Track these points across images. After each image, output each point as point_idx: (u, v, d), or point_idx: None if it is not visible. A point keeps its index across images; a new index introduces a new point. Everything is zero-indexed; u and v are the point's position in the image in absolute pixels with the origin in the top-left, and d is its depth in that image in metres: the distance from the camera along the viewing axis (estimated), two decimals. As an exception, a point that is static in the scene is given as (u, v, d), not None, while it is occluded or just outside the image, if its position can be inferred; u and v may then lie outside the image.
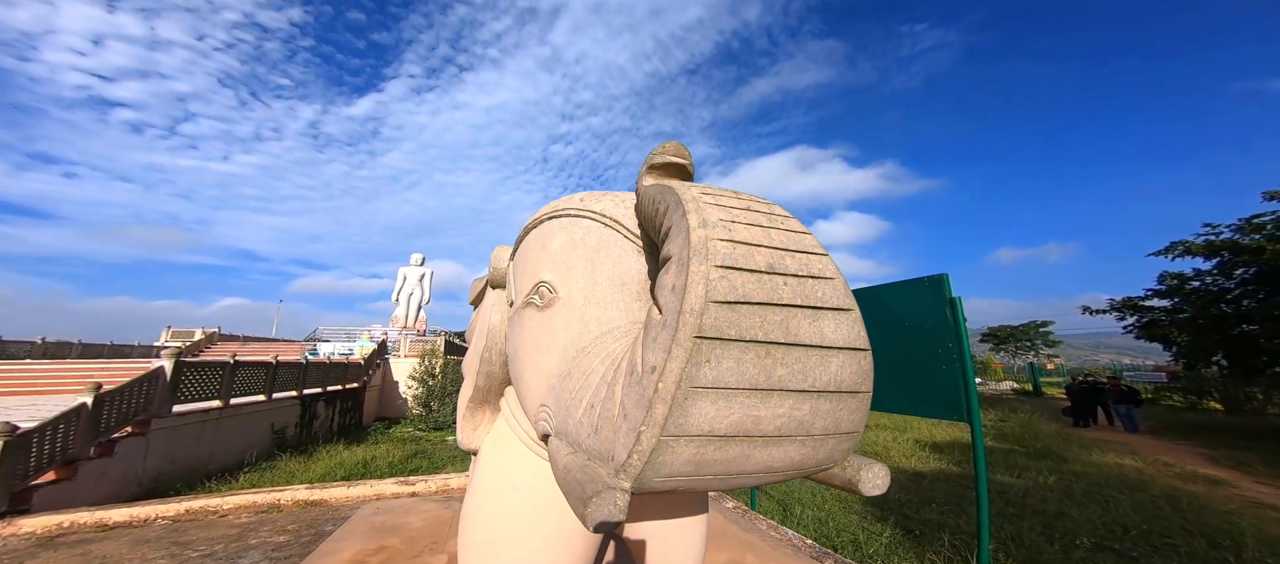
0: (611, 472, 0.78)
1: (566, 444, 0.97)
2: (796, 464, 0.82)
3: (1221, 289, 15.88)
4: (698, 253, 0.75)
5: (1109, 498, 6.64)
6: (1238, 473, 8.65)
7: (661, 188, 0.96)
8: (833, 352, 0.78)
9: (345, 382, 14.63)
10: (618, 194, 1.38)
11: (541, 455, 1.45)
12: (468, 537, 1.46)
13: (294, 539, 4.96)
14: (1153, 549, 4.95)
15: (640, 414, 0.74)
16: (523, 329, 1.32)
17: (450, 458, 10.12)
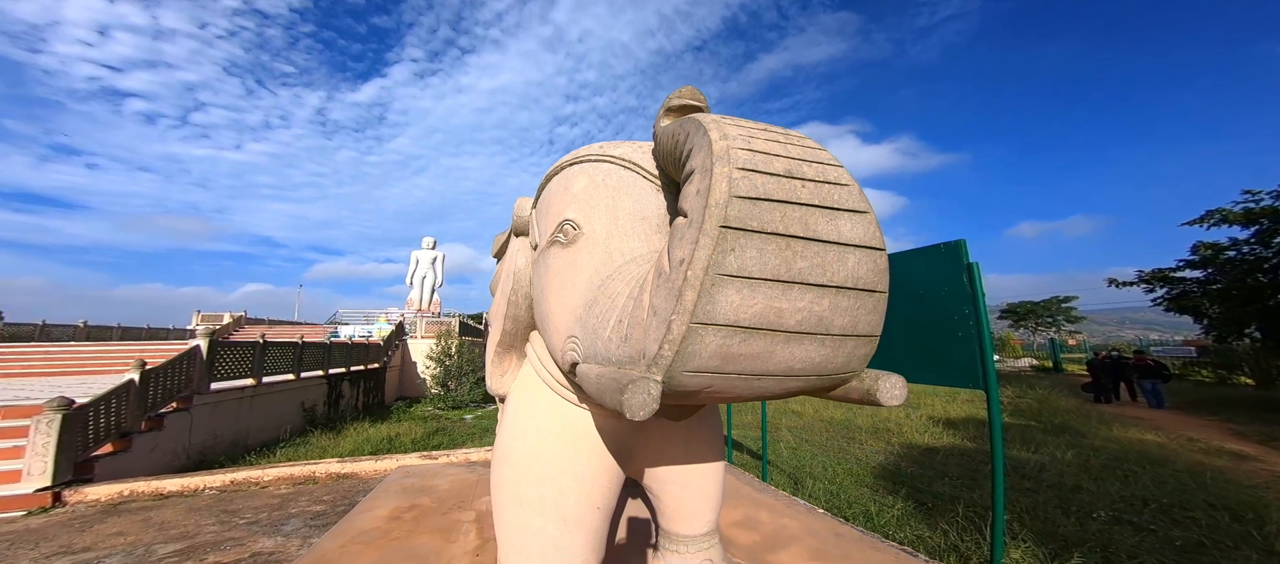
0: (643, 368, 0.83)
1: (596, 364, 1.02)
2: (817, 365, 0.85)
3: (1258, 258, 15.17)
4: (720, 159, 0.79)
5: (1129, 472, 6.58)
6: (1266, 448, 8.46)
7: (681, 120, 1.01)
8: (850, 248, 0.81)
9: (367, 362, 15.16)
10: (634, 142, 1.44)
11: (567, 397, 1.52)
12: (499, 477, 1.54)
13: (330, 509, 5.27)
14: (1172, 522, 4.92)
15: (670, 304, 0.79)
16: (548, 267, 1.38)
17: (469, 435, 10.51)
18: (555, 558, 1.37)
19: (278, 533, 4.60)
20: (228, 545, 4.25)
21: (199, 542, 4.33)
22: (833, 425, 9.89)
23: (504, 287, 1.65)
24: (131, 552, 4.08)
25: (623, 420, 1.52)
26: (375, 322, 23.15)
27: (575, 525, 1.41)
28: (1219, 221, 15.67)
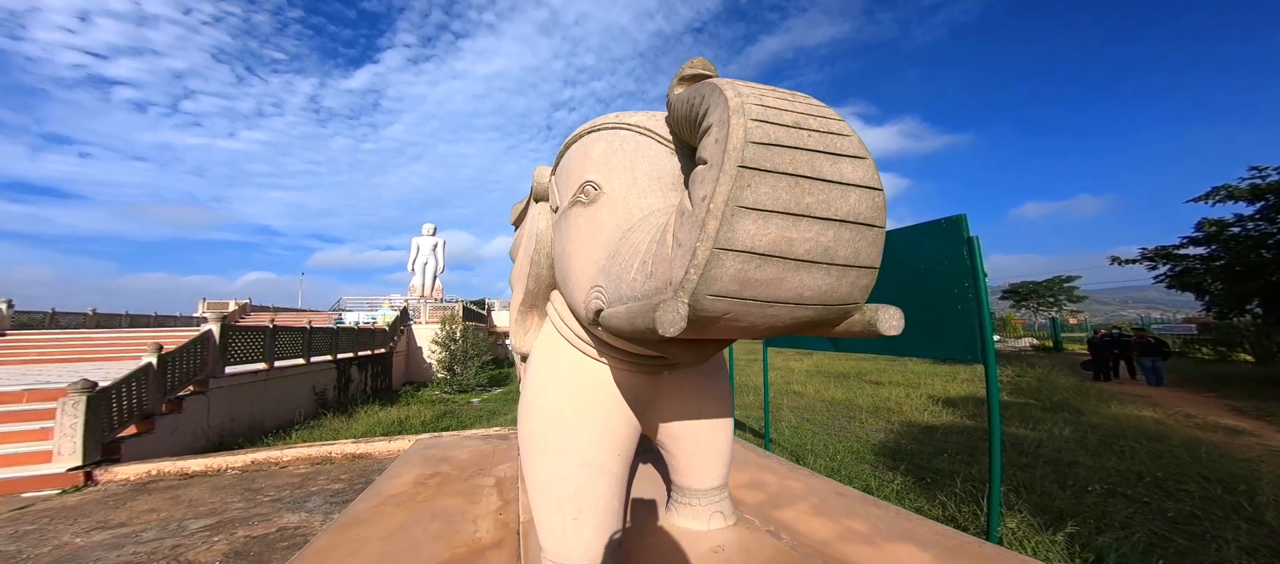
0: (671, 292, 0.94)
1: (623, 302, 1.14)
2: (824, 293, 0.94)
3: (1264, 233, 15.09)
4: (736, 112, 0.89)
5: (1125, 448, 6.71)
6: (1262, 423, 8.60)
7: (697, 85, 1.10)
8: (851, 187, 0.92)
9: (373, 347, 15.38)
10: (647, 111, 1.54)
11: (587, 352, 1.64)
12: (527, 428, 1.66)
13: (348, 487, 5.48)
14: (1165, 495, 5.06)
15: (694, 234, 0.89)
16: (570, 225, 1.49)
17: (476, 418, 10.73)
18: (581, 501, 1.50)
19: (301, 509, 4.80)
20: (255, 521, 4.45)
21: (227, 517, 4.53)
22: (834, 405, 10.07)
23: (526, 248, 1.75)
24: (165, 526, 4.28)
25: (639, 374, 1.64)
26: (379, 308, 23.38)
27: (598, 471, 1.53)
28: (1225, 198, 15.55)
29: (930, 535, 1.90)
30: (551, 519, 1.51)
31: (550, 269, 1.70)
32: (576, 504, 1.49)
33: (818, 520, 2.05)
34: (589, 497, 1.50)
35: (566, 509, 1.49)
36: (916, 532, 1.95)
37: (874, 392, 11.47)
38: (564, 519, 1.49)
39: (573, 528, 1.48)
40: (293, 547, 3.90)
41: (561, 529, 1.49)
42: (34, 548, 3.84)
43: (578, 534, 1.47)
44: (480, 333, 18.84)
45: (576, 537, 1.47)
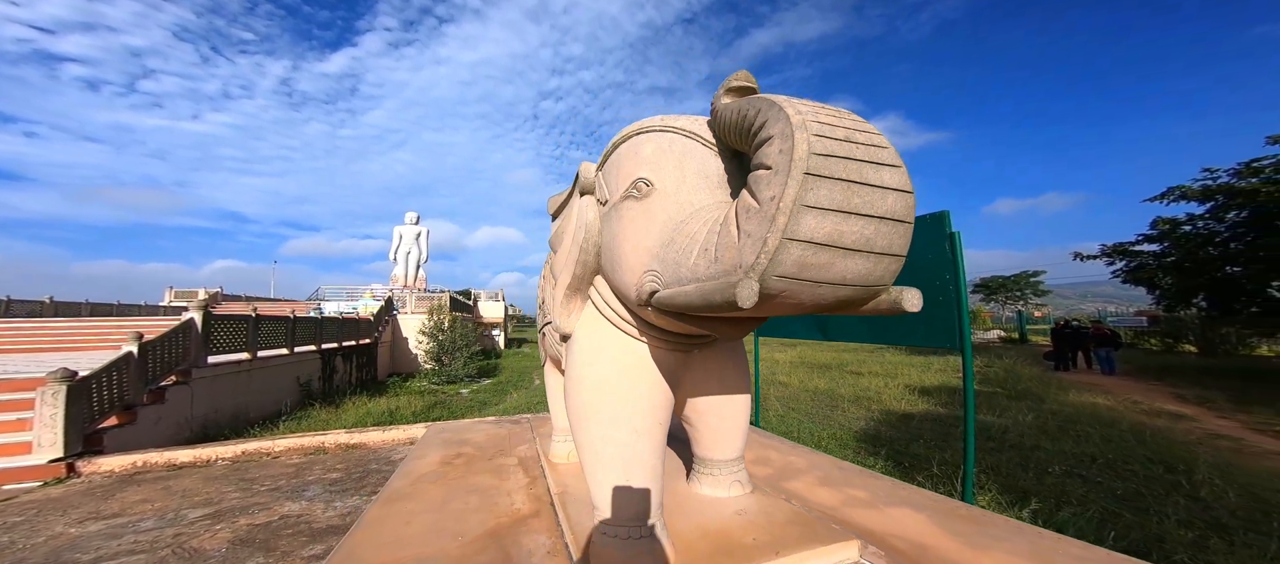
0: (741, 273, 1.13)
1: (683, 286, 1.33)
2: (863, 276, 1.14)
3: (1211, 232, 16.08)
4: (799, 128, 1.08)
5: (1081, 433, 7.27)
6: (1202, 409, 9.38)
7: (752, 98, 1.28)
8: (889, 190, 1.12)
9: (358, 337, 15.11)
10: (689, 116, 1.72)
11: (629, 332, 1.83)
12: (577, 399, 1.83)
13: (345, 476, 5.50)
14: (1115, 475, 5.53)
15: (764, 227, 1.09)
16: (621, 218, 1.67)
17: (467, 408, 10.74)
18: (631, 462, 1.68)
19: (300, 498, 4.82)
20: (255, 510, 4.45)
21: (225, 507, 4.52)
22: (817, 395, 10.48)
23: (574, 237, 1.90)
24: (163, 516, 4.24)
25: (670, 352, 1.85)
26: (360, 297, 22.86)
27: (644, 436, 1.72)
28: (1178, 198, 16.42)
29: (924, 501, 2.14)
30: (605, 479, 1.69)
31: (596, 256, 1.86)
32: (626, 466, 1.67)
33: (823, 490, 2.26)
34: (636, 459, 1.68)
35: (617, 470, 1.68)
36: (912, 498, 2.18)
37: (855, 382, 11.97)
38: (617, 480, 1.67)
39: (625, 487, 1.66)
40: (297, 534, 3.94)
41: (615, 488, 1.67)
42: (27, 539, 3.77)
43: (628, 492, 1.65)
44: (468, 323, 18.70)
45: (628, 494, 1.65)
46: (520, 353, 27.48)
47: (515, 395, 12.42)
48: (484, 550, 1.84)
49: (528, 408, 9.63)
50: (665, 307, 1.43)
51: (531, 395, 11.92)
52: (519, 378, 16.31)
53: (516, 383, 15.16)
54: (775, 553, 1.58)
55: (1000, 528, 1.83)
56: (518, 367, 20.38)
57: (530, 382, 15.29)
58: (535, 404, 10.22)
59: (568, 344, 2.00)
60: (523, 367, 20.28)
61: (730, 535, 1.74)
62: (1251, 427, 7.95)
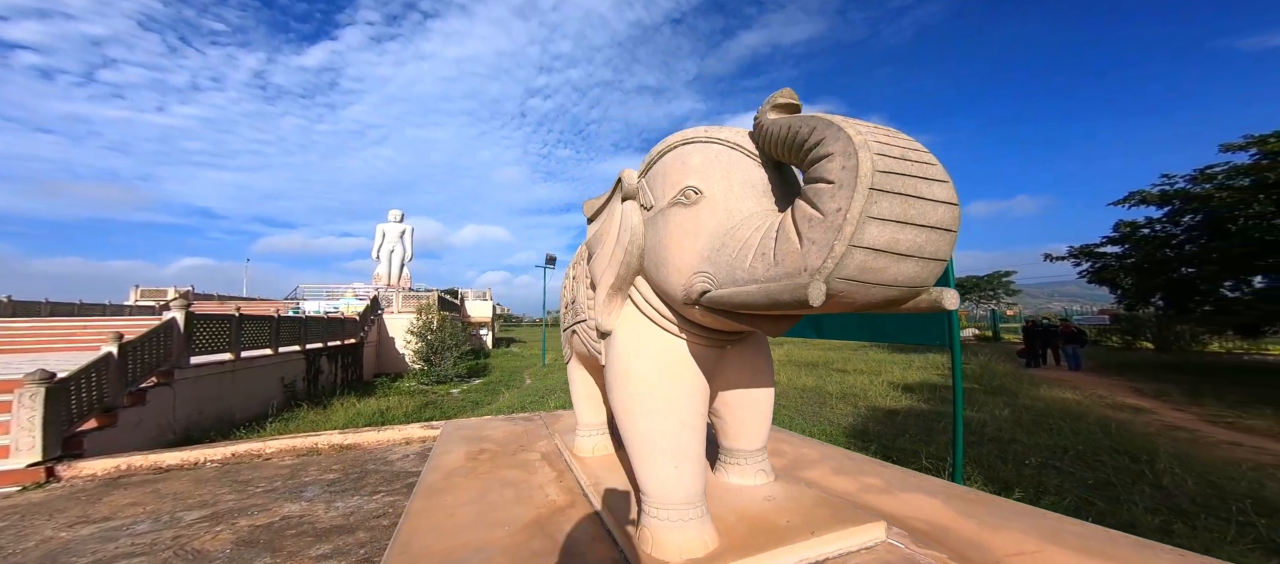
0: (807, 277, 1.25)
1: (740, 286, 1.46)
2: (911, 278, 1.27)
3: (1168, 235, 17.02)
4: (862, 147, 1.21)
5: (1053, 426, 7.70)
6: (1159, 402, 10.03)
7: (804, 116, 1.41)
8: (939, 203, 1.25)
9: (343, 337, 14.76)
10: (731, 128, 1.84)
11: (669, 330, 1.94)
12: (624, 392, 1.93)
13: (343, 476, 5.43)
14: (1085, 466, 5.90)
15: (831, 236, 1.21)
16: (669, 223, 1.78)
17: (459, 408, 10.65)
18: (680, 450, 1.79)
19: (299, 499, 4.75)
20: (254, 511, 4.37)
21: (222, 509, 4.42)
22: (805, 392, 10.77)
23: (620, 240, 1.99)
24: (158, 519, 4.13)
25: (707, 348, 1.97)
26: (341, 296, 22.28)
27: (690, 427, 1.83)
28: (1139, 202, 17.31)
29: (935, 487, 2.30)
30: (656, 468, 1.78)
31: (640, 258, 1.95)
32: (676, 454, 1.77)
33: (839, 478, 2.40)
34: (685, 447, 1.79)
35: (668, 459, 1.77)
36: (923, 485, 2.34)
37: (841, 379, 12.33)
38: (667, 467, 1.77)
39: (674, 473, 1.75)
40: (301, 534, 3.89)
41: (665, 475, 1.76)
42: (16, 543, 3.63)
43: (678, 478, 1.75)
44: (456, 323, 18.47)
45: (677, 480, 1.75)
46: (509, 352, 27.22)
47: (507, 395, 12.35)
48: (533, 538, 1.92)
49: (521, 407, 9.62)
50: (718, 305, 1.54)
51: (524, 395, 11.87)
52: (510, 378, 16.19)
53: (507, 383, 15.05)
54: (811, 532, 1.70)
55: (1007, 510, 2.00)
56: (507, 366, 20.21)
57: (521, 381, 15.20)
58: (529, 403, 10.20)
59: (608, 341, 2.09)
60: (513, 366, 20.12)
61: (765, 518, 1.86)
62: (1205, 419, 8.54)
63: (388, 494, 4.65)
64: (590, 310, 2.38)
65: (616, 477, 2.40)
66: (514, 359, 23.46)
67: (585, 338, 2.47)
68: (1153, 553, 1.60)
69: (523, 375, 17.02)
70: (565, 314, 3.07)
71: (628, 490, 2.22)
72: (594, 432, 3.01)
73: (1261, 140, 13.80)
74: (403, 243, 26.15)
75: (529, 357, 24.59)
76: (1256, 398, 9.79)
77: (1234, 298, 15.56)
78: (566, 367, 3.26)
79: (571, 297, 2.84)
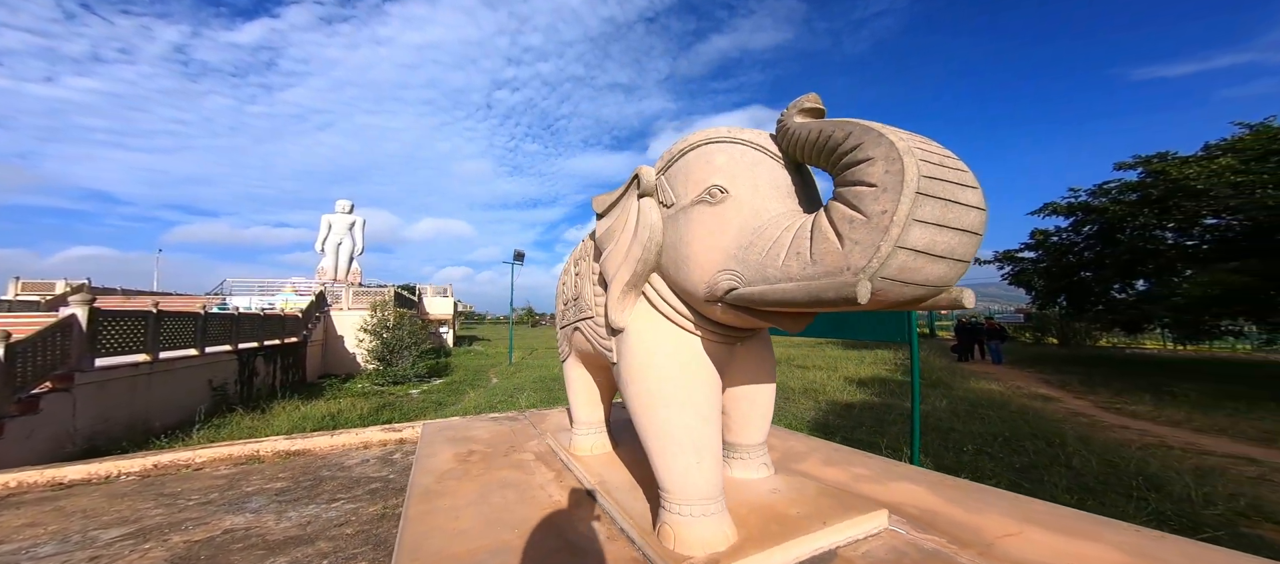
0: (852, 275, 1.29)
1: (772, 284, 1.49)
2: (940, 277, 1.34)
3: (1071, 243, 19.30)
4: (907, 153, 1.26)
5: (983, 415, 8.55)
6: (1063, 392, 11.43)
7: (837, 121, 1.45)
8: (972, 208, 1.31)
9: (283, 336, 13.49)
10: (753, 130, 1.87)
11: (684, 326, 1.95)
12: (642, 387, 1.91)
13: (293, 484, 4.99)
14: (1012, 451, 6.59)
15: (877, 237, 1.25)
16: (691, 221, 1.79)
17: (420, 410, 10.07)
18: (701, 445, 1.79)
19: (243, 510, 4.32)
20: (189, 525, 3.92)
21: (149, 525, 3.92)
22: (769, 386, 11.20)
23: (637, 236, 1.96)
24: (66, 539, 3.58)
25: (720, 345, 1.99)
26: (279, 292, 20.34)
27: (708, 420, 1.85)
28: (1051, 212, 19.33)
29: (918, 475, 2.48)
30: (677, 462, 1.78)
31: (658, 255, 1.94)
32: (697, 449, 1.78)
33: (830, 470, 2.53)
34: (705, 442, 1.80)
35: (689, 453, 1.77)
36: (908, 473, 2.52)
37: (802, 375, 12.98)
38: (688, 461, 1.76)
39: (696, 467, 1.76)
40: (250, 547, 3.53)
41: (686, 469, 1.76)
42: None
43: (700, 471, 1.76)
44: (415, 321, 17.43)
45: (699, 473, 1.76)
46: (471, 351, 26.10)
47: (473, 395, 11.85)
48: (547, 538, 1.86)
49: (489, 407, 9.27)
50: (747, 303, 1.56)
51: (491, 395, 11.44)
52: (474, 377, 15.53)
53: (472, 382, 14.44)
54: (822, 522, 1.78)
55: (985, 495, 2.20)
56: (471, 365, 19.40)
57: (486, 381, 14.64)
58: (498, 403, 9.86)
59: (622, 337, 2.06)
60: (477, 365, 19.34)
61: (775, 509, 1.92)
62: (1099, 405, 9.83)
63: (349, 502, 4.32)
64: (598, 307, 2.34)
65: (621, 474, 2.38)
66: (478, 358, 22.56)
67: (591, 335, 2.42)
68: (1114, 529, 1.84)
69: (488, 374, 16.41)
70: (564, 311, 2.98)
71: (635, 487, 2.20)
72: (592, 430, 2.96)
73: (1146, 160, 16.03)
74: (352, 235, 24.30)
75: (494, 355, 23.75)
76: (1136, 386, 11.42)
77: (1120, 299, 18.03)
78: (562, 365, 3.18)
79: (573, 293, 2.76)
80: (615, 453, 2.81)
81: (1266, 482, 5.32)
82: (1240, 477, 5.49)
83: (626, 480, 2.29)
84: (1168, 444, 6.95)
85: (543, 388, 12.08)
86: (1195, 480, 5.24)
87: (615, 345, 2.12)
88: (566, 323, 2.92)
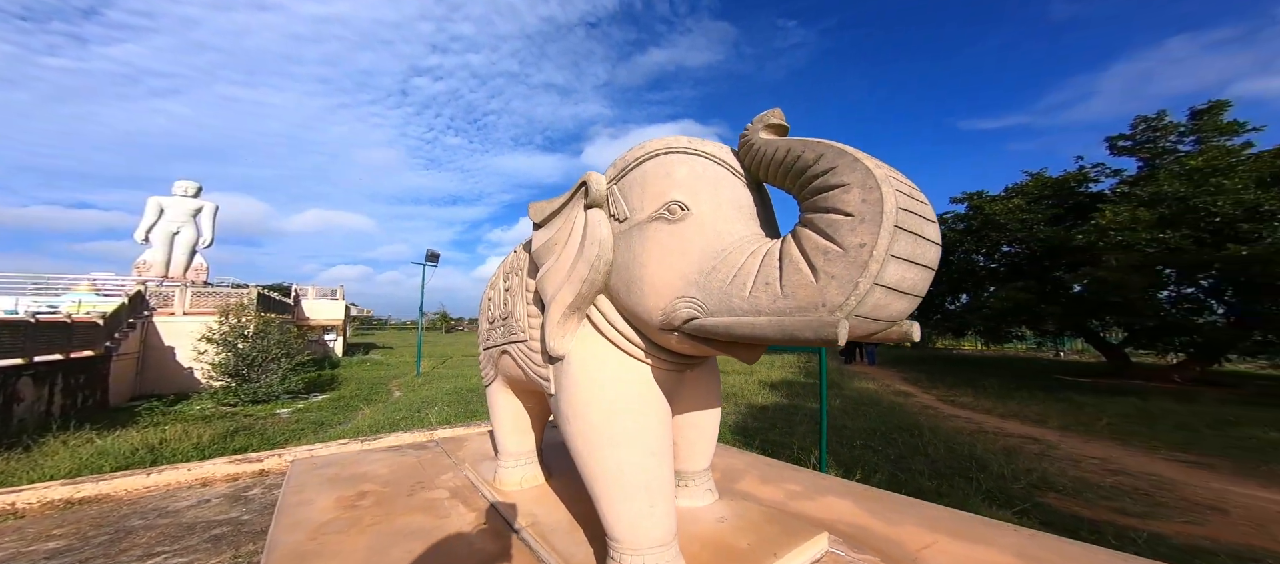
0: (828, 312, 1.22)
1: (738, 316, 1.38)
2: (898, 313, 1.32)
3: None
4: (884, 183, 1.22)
5: (864, 412, 9.83)
6: (917, 388, 13.74)
7: (809, 141, 1.39)
8: (934, 244, 1.32)
9: (70, 348, 10.19)
10: (714, 142, 1.77)
11: (633, 353, 1.78)
12: (587, 422, 1.72)
13: (78, 542, 3.73)
14: (887, 444, 7.63)
15: (856, 272, 1.19)
16: (647, 239, 1.63)
17: (290, 433, 8.34)
18: (654, 485, 1.63)
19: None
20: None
21: None
22: (686, 393, 11.57)
23: (585, 253, 1.74)
24: None
25: (670, 373, 1.84)
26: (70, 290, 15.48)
27: (659, 457, 1.68)
28: None
29: (841, 488, 2.65)
30: (627, 507, 1.59)
31: (606, 275, 1.73)
32: (649, 489, 1.61)
33: (767, 488, 2.57)
34: (657, 481, 1.64)
35: (641, 496, 1.59)
36: (832, 487, 2.67)
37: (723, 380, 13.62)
38: (640, 505, 1.59)
39: (648, 512, 1.59)
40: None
41: (638, 514, 1.58)
42: None
43: (653, 517, 1.59)
44: (289, 327, 14.49)
45: (652, 519, 1.59)
46: (367, 361, 22.57)
47: (369, 411, 10.17)
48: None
49: (390, 425, 8.02)
50: (710, 334, 1.45)
51: (392, 411, 9.88)
52: (370, 390, 13.40)
53: (368, 396, 12.43)
54: (774, 554, 1.76)
55: (898, 504, 2.43)
56: (366, 376, 16.77)
57: (386, 395, 12.73)
58: (400, 421, 8.58)
59: (561, 366, 1.84)
60: (374, 377, 16.76)
61: (725, 542, 1.85)
62: (939, 399, 11.97)
63: (175, 556, 3.33)
64: (532, 330, 2.09)
65: (557, 512, 2.12)
66: (375, 368, 19.61)
67: (523, 360, 2.14)
68: (998, 530, 2.15)
69: (389, 387, 14.33)
70: (490, 331, 2.62)
71: (575, 527, 1.98)
72: (521, 461, 2.65)
73: (969, 196, 20.22)
74: (197, 224, 19.51)
75: (397, 365, 20.88)
76: (961, 381, 14.20)
77: (951, 309, 22.44)
78: (485, 390, 2.79)
79: (502, 312, 2.45)
80: (548, 484, 2.55)
81: (1046, 457, 6.86)
82: (1030, 454, 7.00)
83: (563, 520, 2.06)
84: (985, 429, 8.66)
85: (459, 401, 10.89)
86: (1004, 460, 6.55)
87: (553, 374, 1.89)
88: (492, 344, 2.59)
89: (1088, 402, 10.93)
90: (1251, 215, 11.48)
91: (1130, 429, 8.43)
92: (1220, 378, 15.98)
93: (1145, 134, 16.05)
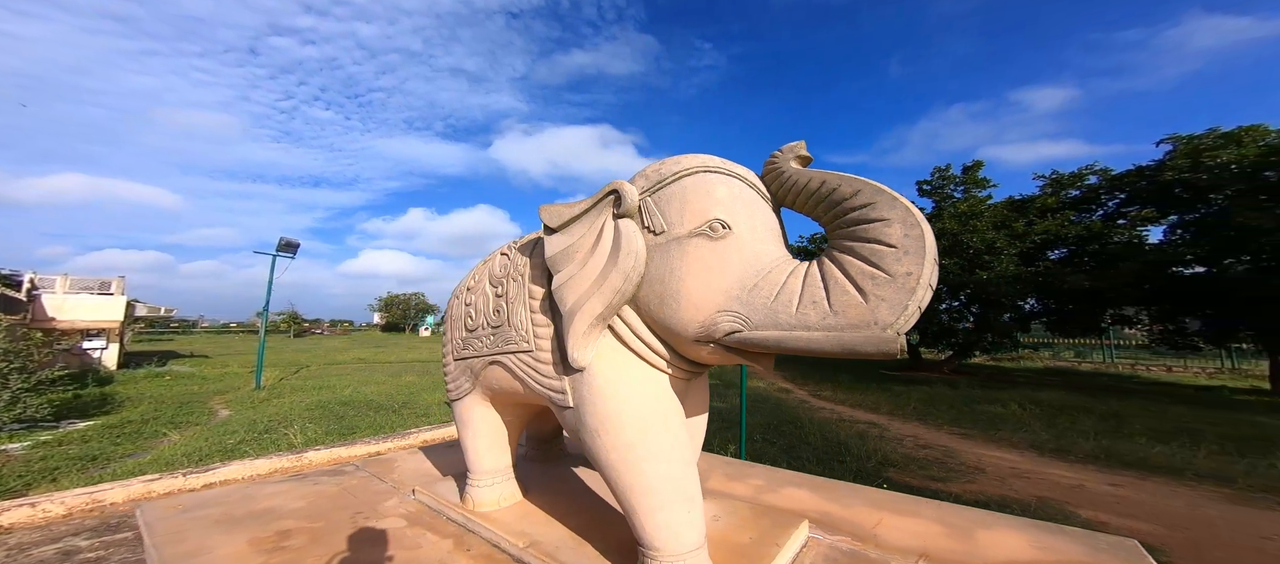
0: (881, 330, 1.41)
1: (787, 330, 1.52)
2: None
3: None
4: (923, 223, 1.46)
5: (759, 407, 11.12)
6: (794, 384, 15.96)
7: (847, 176, 1.60)
8: (940, 268, 1.57)
9: None
10: (742, 167, 1.90)
11: (656, 364, 1.84)
12: (619, 437, 1.73)
13: None
14: (779, 435, 8.75)
15: (905, 297, 1.41)
16: (686, 254, 1.71)
17: (32, 475, 5.82)
18: (689, 493, 1.70)
19: None
20: None
21: None
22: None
23: (620, 264, 1.73)
24: None
25: (682, 382, 1.93)
26: None
27: (690, 465, 1.76)
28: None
29: (798, 479, 3.01)
30: (669, 517, 1.63)
31: (638, 286, 1.75)
32: (687, 497, 1.68)
33: (736, 484, 2.81)
34: (692, 489, 1.71)
35: (680, 505, 1.65)
36: (790, 479, 3.02)
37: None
38: (680, 514, 1.65)
39: (688, 519, 1.66)
40: None
41: (679, 523, 1.64)
42: None
43: (692, 523, 1.67)
44: (19, 331, 10.49)
45: (691, 526, 1.66)
46: (165, 374, 17.26)
47: (177, 436, 7.88)
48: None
49: (222, 452, 6.39)
50: (755, 346, 1.58)
51: (221, 434, 7.78)
52: (176, 411, 10.27)
53: (172, 418, 9.54)
54: (777, 546, 1.97)
55: (842, 491, 2.87)
56: (165, 394, 12.87)
57: (206, 415, 9.97)
58: (236, 445, 6.85)
59: (581, 377, 1.82)
60: (180, 394, 12.95)
61: (729, 538, 2.01)
62: (811, 394, 14.12)
63: None
64: (540, 339, 2.01)
65: (551, 529, 2.03)
66: (179, 383, 15.18)
67: (525, 372, 2.03)
68: (917, 504, 2.68)
69: (210, 405, 11.29)
70: (468, 340, 2.40)
71: (580, 542, 1.93)
72: (498, 479, 2.48)
73: None
74: None
75: (219, 377, 16.50)
76: (826, 378, 16.95)
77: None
78: (453, 404, 2.51)
79: (492, 320, 2.29)
80: (528, 501, 2.40)
81: (883, 439, 8.59)
82: (872, 436, 8.70)
83: (564, 536, 1.98)
84: (844, 418, 10.49)
85: (329, 416, 9.19)
86: (859, 443, 8.04)
87: (570, 386, 1.85)
88: (475, 354, 2.39)
89: (901, 390, 13.97)
90: (990, 249, 16.24)
91: (927, 411, 11.03)
92: (969, 369, 21.70)
93: (938, 180, 20.78)
